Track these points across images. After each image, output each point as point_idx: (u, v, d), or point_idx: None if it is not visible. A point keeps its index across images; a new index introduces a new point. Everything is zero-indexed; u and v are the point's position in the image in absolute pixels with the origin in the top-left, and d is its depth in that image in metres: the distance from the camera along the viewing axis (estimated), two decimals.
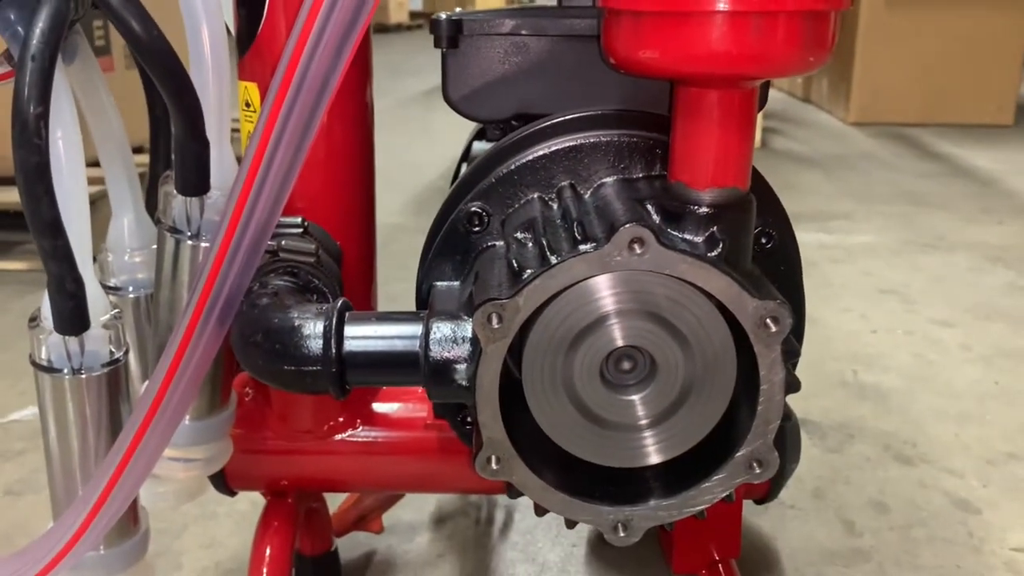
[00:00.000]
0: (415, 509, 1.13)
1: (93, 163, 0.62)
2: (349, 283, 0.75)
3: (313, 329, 0.56)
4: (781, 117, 4.13)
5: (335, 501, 1.01)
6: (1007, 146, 3.51)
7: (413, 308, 0.63)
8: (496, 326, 0.51)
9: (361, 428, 0.81)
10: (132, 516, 0.70)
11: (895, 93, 3.93)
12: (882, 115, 3.94)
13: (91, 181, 0.60)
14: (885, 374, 1.52)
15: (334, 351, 0.56)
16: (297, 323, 0.57)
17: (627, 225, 0.50)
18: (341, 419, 0.80)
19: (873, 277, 2.00)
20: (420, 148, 3.39)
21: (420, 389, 0.82)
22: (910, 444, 1.30)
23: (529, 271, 0.51)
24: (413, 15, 9.31)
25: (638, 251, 0.50)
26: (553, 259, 0.51)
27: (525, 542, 1.08)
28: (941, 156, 3.34)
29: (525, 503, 1.14)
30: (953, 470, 1.24)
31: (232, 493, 0.84)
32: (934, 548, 1.07)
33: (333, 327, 0.56)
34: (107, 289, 0.75)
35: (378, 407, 0.82)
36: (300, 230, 0.70)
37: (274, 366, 0.57)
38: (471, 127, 0.81)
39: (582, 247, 0.51)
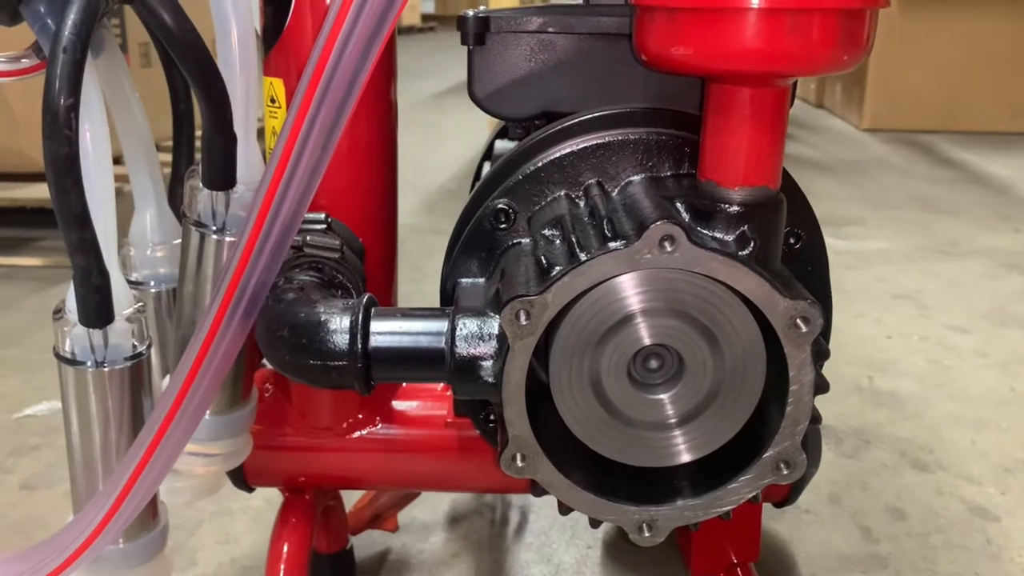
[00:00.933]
0: (429, 508, 1.13)
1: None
2: (370, 279, 0.75)
3: (339, 324, 0.56)
4: (794, 122, 4.12)
5: (350, 499, 1.01)
6: (1021, 153, 3.49)
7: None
8: (524, 323, 0.51)
9: (380, 425, 0.81)
10: (152, 510, 0.70)
11: (909, 100, 3.91)
12: (896, 121, 3.93)
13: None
14: (900, 380, 1.51)
15: (360, 346, 0.56)
16: (323, 318, 0.56)
17: (658, 223, 0.49)
18: (360, 416, 0.80)
19: (887, 282, 1.99)
20: (431, 150, 3.39)
21: (439, 387, 0.84)
22: (926, 450, 1.29)
23: (558, 268, 0.51)
24: (425, 17, 9.32)
25: (668, 249, 0.50)
26: (582, 256, 0.51)
27: (540, 543, 1.08)
28: (955, 163, 3.33)
29: (539, 504, 1.13)
30: (970, 477, 1.23)
31: (250, 489, 0.84)
32: (952, 555, 1.06)
33: (360, 322, 0.56)
34: (128, 283, 0.75)
35: (397, 404, 0.82)
36: (324, 226, 0.70)
37: (300, 361, 0.57)
38: (482, 129, 0.81)
39: (611, 244, 0.51)
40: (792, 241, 0.61)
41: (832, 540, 1.09)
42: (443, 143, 3.55)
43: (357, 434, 0.80)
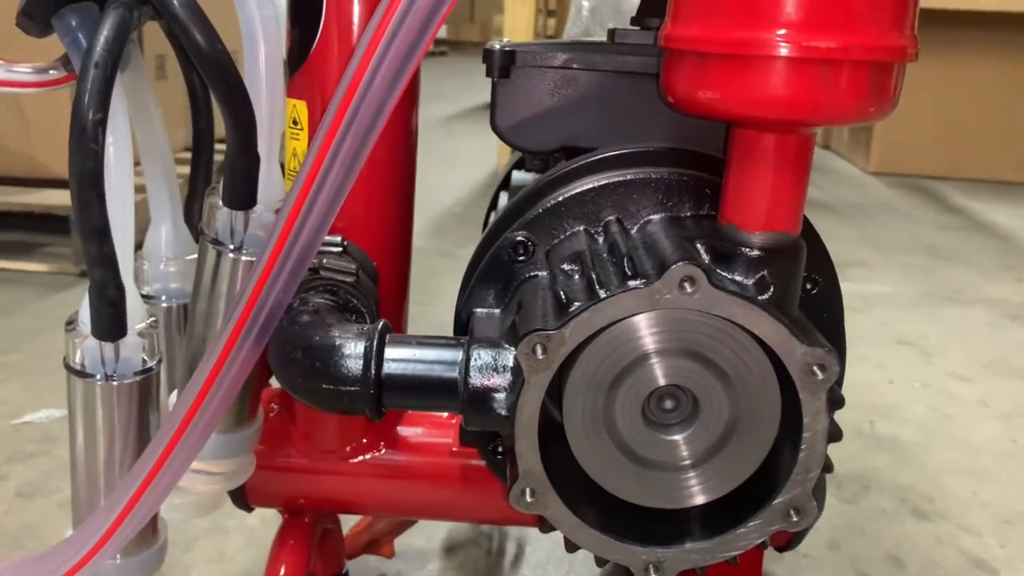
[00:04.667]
0: (426, 536, 1.12)
1: None
2: (383, 303, 0.75)
3: (354, 349, 0.56)
4: None
5: (347, 522, 1.00)
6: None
7: (428, 331, 0.63)
8: (541, 357, 0.51)
9: (385, 451, 0.80)
10: (152, 527, 0.70)
11: (915, 145, 3.94)
12: (901, 166, 3.95)
13: None
14: (902, 426, 1.51)
15: (374, 372, 0.56)
16: (338, 342, 0.56)
17: (679, 263, 0.50)
18: (365, 440, 0.80)
19: (890, 327, 1.99)
20: (440, 173, 3.40)
21: (446, 415, 0.83)
22: (927, 499, 1.29)
23: (577, 304, 0.51)
24: (437, 43, 9.40)
25: (688, 290, 0.50)
26: (602, 293, 0.51)
27: None
28: (959, 210, 3.34)
29: (536, 535, 1.13)
30: (970, 528, 1.22)
31: (250, 509, 0.84)
32: None
33: (374, 348, 0.56)
34: (143, 297, 0.75)
35: (403, 431, 0.81)
36: (340, 249, 0.70)
37: (312, 384, 0.57)
38: (491, 155, 0.81)
39: (632, 283, 0.51)
40: (809, 287, 0.61)
41: None
42: (453, 167, 3.56)
43: (361, 458, 0.80)
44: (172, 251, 0.75)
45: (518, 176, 0.78)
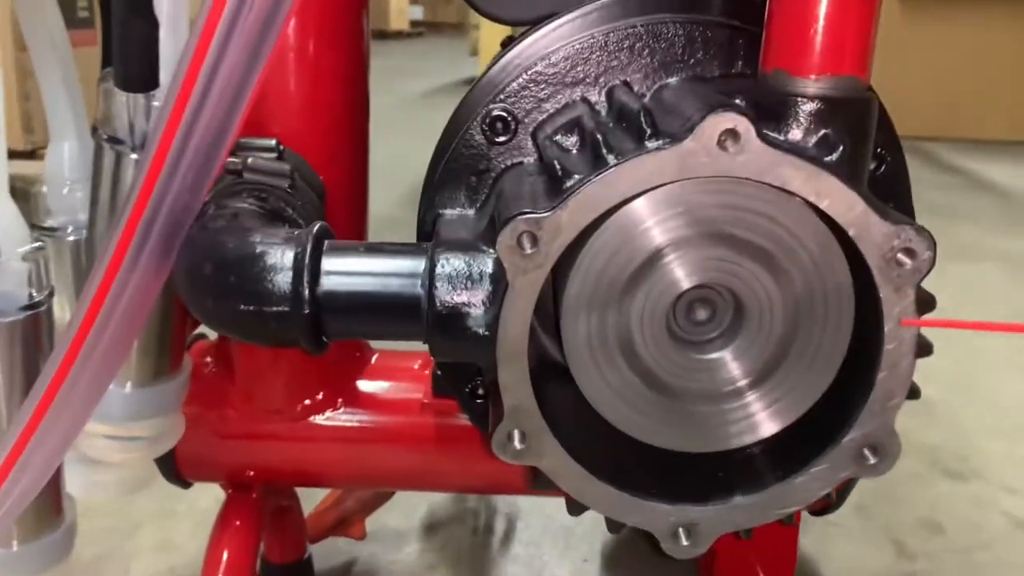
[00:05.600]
0: (404, 513, 0.98)
1: None
2: (334, 228, 0.62)
3: (280, 258, 0.42)
4: None
5: (311, 500, 0.86)
6: (1022, 161, 3.40)
7: None
8: (529, 251, 0.38)
9: (343, 409, 0.66)
10: (54, 504, 0.57)
11: (908, 105, 3.79)
12: (896, 127, 3.82)
13: None
14: (926, 385, 1.36)
15: (307, 288, 0.42)
16: (259, 250, 0.43)
17: (717, 112, 0.36)
18: (319, 397, 0.66)
19: None
20: (418, 146, 3.23)
21: (416, 364, 0.70)
22: (960, 458, 1.16)
23: (577, 176, 0.38)
24: (414, 23, 9.22)
25: (730, 149, 0.36)
26: (612, 159, 0.37)
27: (529, 555, 0.94)
28: (957, 169, 3.23)
29: (529, 510, 0.99)
30: (1011, 488, 1.10)
31: (185, 484, 0.70)
32: (1002, 574, 0.93)
33: (307, 256, 0.42)
34: (43, 231, 0.62)
35: (364, 385, 0.68)
36: (274, 154, 0.56)
37: (228, 306, 0.43)
38: None
39: (651, 143, 0.37)
40: (873, 166, 0.48)
41: (863, 556, 0.95)
42: (431, 140, 3.41)
43: (314, 419, 0.66)
44: (78, 172, 0.61)
45: None
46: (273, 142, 0.57)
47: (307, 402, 0.66)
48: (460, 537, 0.96)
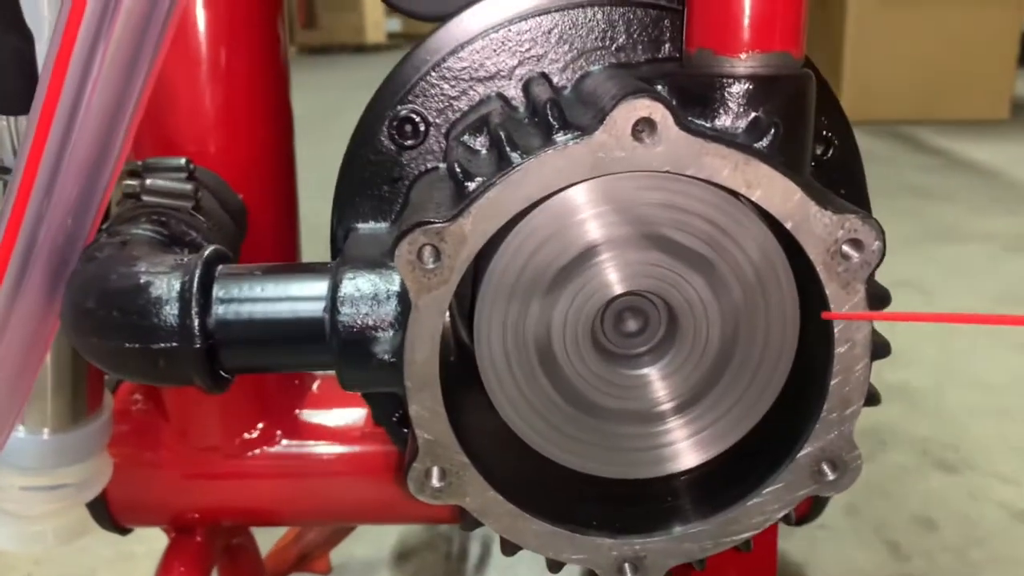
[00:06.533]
0: (371, 543, 0.94)
1: None
2: (258, 250, 0.57)
3: (166, 287, 0.38)
4: None
5: (271, 537, 0.82)
6: (1004, 139, 3.37)
7: None
8: (431, 265, 0.33)
9: (283, 442, 0.62)
10: None
11: (886, 89, 3.79)
12: (873, 112, 3.79)
13: None
14: (910, 369, 1.34)
15: (196, 319, 0.38)
16: (143, 280, 0.38)
17: (628, 98, 0.32)
18: (257, 431, 0.62)
19: (885, 269, 1.81)
20: None
21: None
22: (951, 448, 1.13)
23: (480, 179, 0.34)
24: (391, 36, 9.20)
25: (647, 140, 0.32)
26: (516, 158, 0.33)
27: None
28: (938, 150, 3.20)
29: None
30: (1005, 476, 1.06)
31: (123, 531, 0.65)
32: (1000, 571, 0.89)
33: (195, 284, 0.38)
34: None
35: (305, 415, 0.63)
36: (182, 173, 0.52)
37: (113, 343, 0.38)
38: None
39: (560, 137, 0.33)
40: (819, 151, 0.44)
41: (855, 559, 0.92)
42: None
43: (253, 453, 0.62)
44: None
45: None
46: (183, 161, 0.53)
47: (245, 436, 0.62)
48: (433, 564, 0.92)
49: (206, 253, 0.40)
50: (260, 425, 0.62)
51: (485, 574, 0.91)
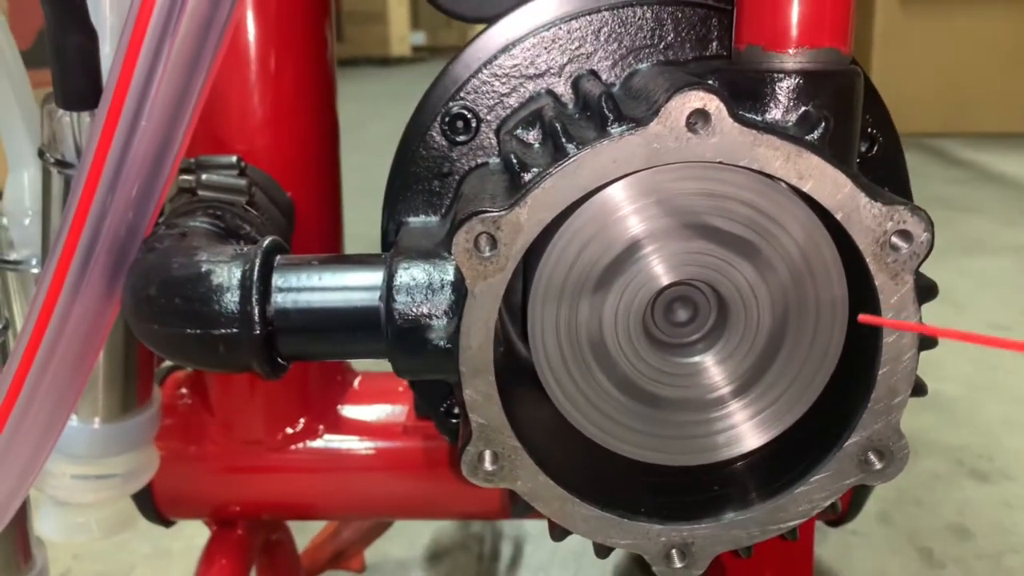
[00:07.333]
0: (406, 542, 0.95)
1: None
2: (304, 246, 0.59)
3: (227, 276, 0.39)
4: None
5: (307, 533, 0.83)
6: None
7: None
8: (488, 254, 0.34)
9: (325, 436, 0.63)
10: (21, 550, 0.54)
11: (913, 102, 3.76)
12: (900, 125, 3.68)
13: None
14: (945, 382, 1.33)
15: (257, 307, 0.39)
16: (205, 268, 0.40)
17: (683, 90, 0.33)
18: (300, 425, 0.63)
19: None
20: None
21: (402, 386, 0.66)
22: (985, 458, 1.12)
23: (536, 169, 0.35)
24: (416, 49, 9.26)
25: (701, 131, 0.33)
26: (572, 149, 0.34)
27: None
28: (967, 163, 3.17)
29: (537, 534, 0.95)
30: None
31: (167, 523, 0.67)
32: None
33: (256, 273, 0.39)
34: (5, 264, 0.59)
35: (347, 410, 0.64)
36: (234, 170, 0.53)
37: (173, 330, 0.40)
38: None
39: (615, 129, 0.34)
40: (864, 148, 0.44)
41: (888, 566, 0.91)
42: None
43: (296, 447, 0.63)
44: (40, 202, 0.59)
45: None
46: (234, 159, 0.54)
47: (288, 431, 0.63)
48: (465, 565, 0.93)
49: (265, 243, 0.41)
50: (302, 420, 0.63)
51: (517, 574, 0.91)
